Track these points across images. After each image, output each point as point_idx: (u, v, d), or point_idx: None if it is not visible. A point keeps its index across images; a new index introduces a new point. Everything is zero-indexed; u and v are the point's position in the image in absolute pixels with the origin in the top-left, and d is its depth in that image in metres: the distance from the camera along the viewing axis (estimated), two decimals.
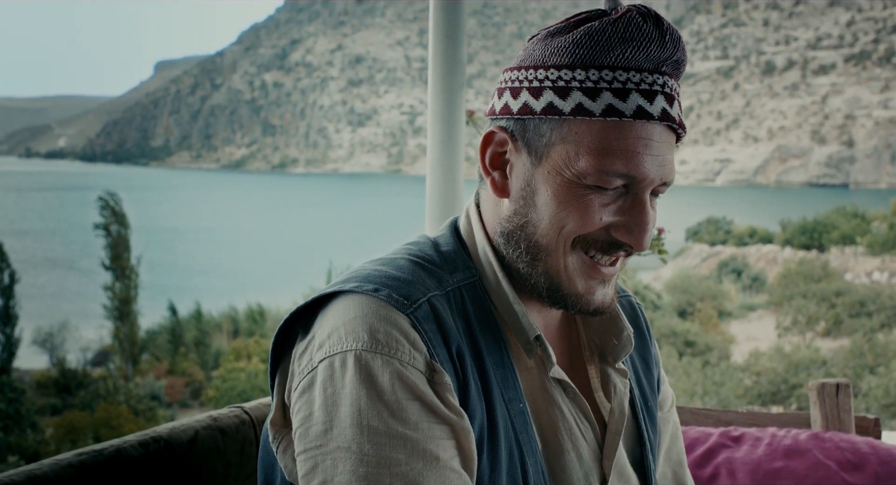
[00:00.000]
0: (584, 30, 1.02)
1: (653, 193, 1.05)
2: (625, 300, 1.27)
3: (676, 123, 1.03)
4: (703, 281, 35.59)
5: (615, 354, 1.16)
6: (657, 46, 1.00)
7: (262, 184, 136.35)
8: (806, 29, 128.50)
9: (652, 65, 1.00)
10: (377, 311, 0.99)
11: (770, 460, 1.89)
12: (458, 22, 2.66)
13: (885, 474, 1.84)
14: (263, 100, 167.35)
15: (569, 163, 1.01)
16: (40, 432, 19.30)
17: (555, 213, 1.03)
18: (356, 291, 1.01)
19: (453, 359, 1.00)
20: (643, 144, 1.00)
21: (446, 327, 1.01)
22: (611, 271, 1.07)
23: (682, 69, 1.05)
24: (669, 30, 1.01)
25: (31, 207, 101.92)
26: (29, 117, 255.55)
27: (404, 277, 1.03)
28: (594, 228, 1.03)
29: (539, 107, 1.03)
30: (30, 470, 1.12)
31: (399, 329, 0.98)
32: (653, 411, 1.23)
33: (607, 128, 1.00)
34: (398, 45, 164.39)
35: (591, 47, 1.00)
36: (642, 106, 1.00)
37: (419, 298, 1.02)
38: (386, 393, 0.95)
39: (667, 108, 1.01)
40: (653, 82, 1.00)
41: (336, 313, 1.01)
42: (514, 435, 1.03)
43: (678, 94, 1.04)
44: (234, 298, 34.69)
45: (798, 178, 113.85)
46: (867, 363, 21.00)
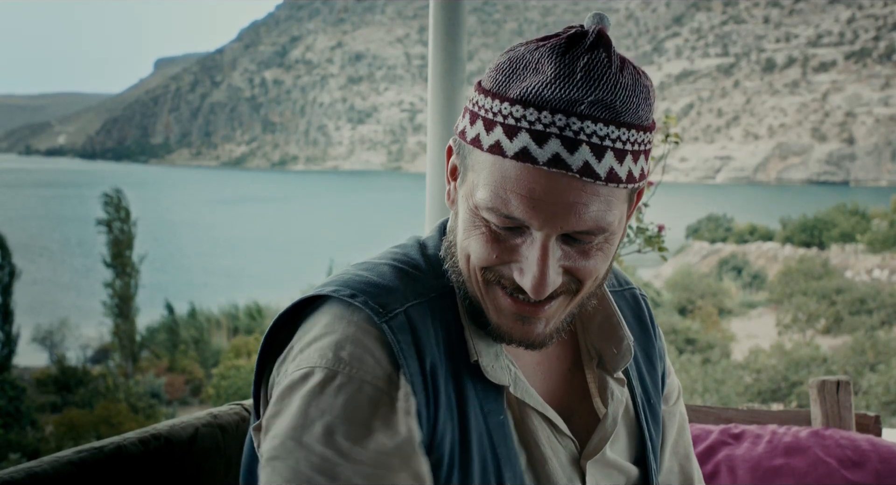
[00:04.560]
0: (510, 54, 0.95)
1: (574, 239, 0.94)
2: (628, 293, 1.23)
3: (575, 171, 0.89)
4: (704, 278, 35.61)
5: (614, 364, 1.11)
6: (563, 84, 0.89)
7: (261, 181, 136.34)
8: (806, 26, 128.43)
9: (559, 104, 0.89)
10: (350, 321, 0.97)
11: (770, 457, 1.89)
12: (459, 19, 2.66)
13: (886, 471, 1.84)
14: (263, 97, 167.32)
15: (472, 191, 0.95)
16: (40, 429, 19.31)
17: (463, 239, 0.98)
18: (334, 296, 0.99)
19: (425, 373, 0.97)
20: (526, 188, 0.90)
21: (422, 339, 0.98)
22: (534, 310, 0.97)
23: (618, 110, 0.90)
24: (589, 64, 0.90)
25: (31, 204, 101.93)
26: (29, 115, 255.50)
27: (384, 284, 1.01)
28: (492, 264, 0.96)
29: (460, 128, 0.99)
30: (30, 467, 1.12)
31: (367, 343, 0.96)
32: (655, 408, 1.20)
33: (495, 164, 0.92)
34: (398, 43, 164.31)
35: (507, 74, 0.93)
36: (528, 148, 0.89)
37: (396, 307, 0.98)
38: (331, 413, 0.93)
39: (561, 153, 0.89)
40: (550, 123, 0.89)
41: (312, 325, 1.00)
42: (492, 448, 0.99)
43: (607, 138, 0.90)
44: (234, 295, 34.70)
45: (798, 175, 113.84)
46: (867, 361, 21.00)
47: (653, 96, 0.95)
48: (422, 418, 0.96)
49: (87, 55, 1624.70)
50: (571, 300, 0.99)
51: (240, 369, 23.29)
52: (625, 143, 0.91)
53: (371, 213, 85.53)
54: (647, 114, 0.93)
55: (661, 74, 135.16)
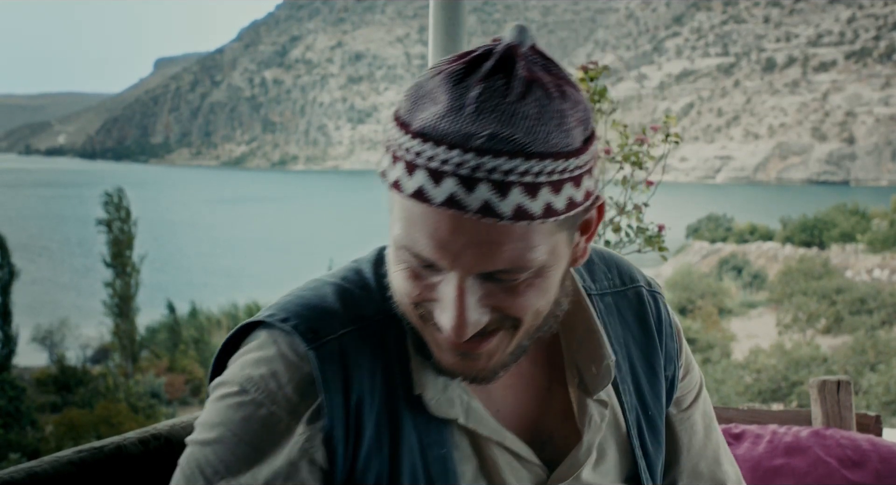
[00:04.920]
0: (417, 79, 0.88)
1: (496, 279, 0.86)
2: (631, 292, 1.13)
3: (473, 212, 0.80)
4: (704, 278, 35.64)
5: (593, 385, 1.03)
6: (454, 117, 0.81)
7: (261, 181, 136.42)
8: (806, 26, 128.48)
9: (454, 139, 0.81)
10: (277, 344, 0.95)
11: (771, 457, 1.89)
12: (459, 19, 2.66)
13: (886, 471, 1.84)
14: (263, 97, 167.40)
15: (391, 225, 0.89)
16: (40, 429, 19.34)
17: (391, 273, 0.93)
18: (267, 322, 0.97)
19: (348, 406, 0.93)
20: (429, 229, 0.83)
21: (351, 371, 0.94)
22: (472, 346, 0.90)
23: (522, 144, 0.81)
24: (479, 98, 0.81)
25: (31, 203, 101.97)
26: (29, 114, 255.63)
27: (321, 308, 0.96)
28: (412, 302, 0.90)
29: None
30: (30, 467, 1.12)
31: (283, 368, 0.93)
32: (655, 421, 1.12)
33: (402, 204, 0.85)
34: (398, 42, 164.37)
35: (412, 102, 0.85)
36: (423, 188, 0.82)
37: (329, 334, 0.94)
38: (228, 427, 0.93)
39: (458, 194, 0.80)
40: (445, 160, 0.81)
41: (247, 344, 0.98)
42: (428, 483, 0.95)
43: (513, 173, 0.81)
44: (234, 295, 34.73)
45: (798, 175, 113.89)
46: (868, 361, 21.03)
47: (574, 119, 0.85)
48: (337, 453, 0.93)
49: (86, 55, 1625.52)
50: (514, 335, 0.91)
51: None
52: (537, 174, 0.82)
53: (371, 212, 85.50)
54: (565, 139, 0.84)
55: (662, 74, 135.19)
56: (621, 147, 3.12)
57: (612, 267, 1.14)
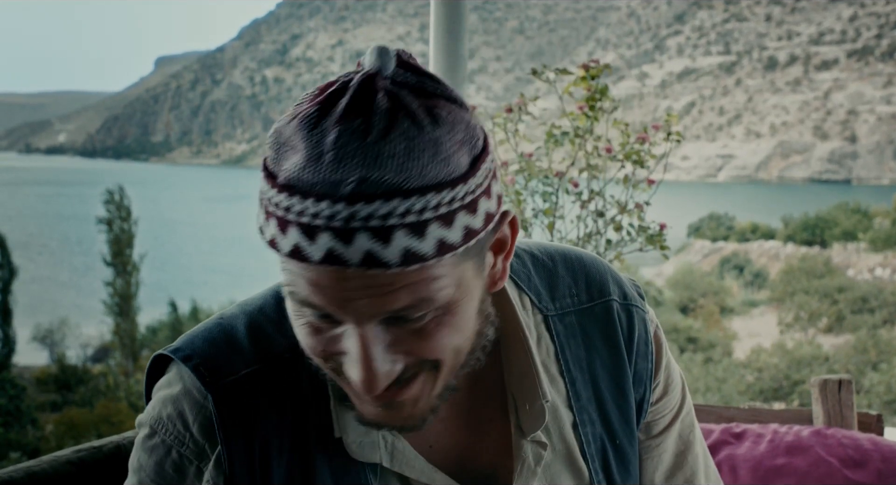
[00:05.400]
0: (278, 122, 0.78)
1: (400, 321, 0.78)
2: (599, 308, 1.02)
3: (357, 265, 0.73)
4: (705, 277, 35.62)
5: (527, 425, 0.94)
6: (315, 167, 0.73)
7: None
8: (808, 24, 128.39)
9: (323, 189, 0.73)
10: (183, 381, 0.90)
11: (772, 456, 1.88)
12: (459, 17, 2.66)
13: (888, 470, 1.83)
14: (264, 95, 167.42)
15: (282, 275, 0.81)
16: (40, 428, 19.35)
17: (293, 324, 0.83)
18: (173, 357, 0.92)
19: (252, 450, 0.88)
20: (314, 284, 0.76)
21: (254, 413, 0.88)
22: (393, 395, 0.82)
23: (391, 183, 0.73)
24: (340, 140, 0.73)
25: (31, 202, 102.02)
26: (29, 113, 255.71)
27: (228, 344, 0.91)
28: (317, 356, 0.82)
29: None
30: (29, 467, 1.12)
31: (187, 408, 0.89)
32: (623, 449, 1.02)
33: (281, 259, 0.78)
34: (399, 41, 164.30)
35: (276, 150, 0.77)
36: (299, 245, 0.74)
37: (230, 374, 0.89)
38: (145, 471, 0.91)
39: (336, 248, 0.73)
40: (316, 214, 0.73)
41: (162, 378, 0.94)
42: None
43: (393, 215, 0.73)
44: (234, 293, 34.73)
45: (800, 174, 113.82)
46: (869, 360, 21.01)
47: (453, 143, 0.76)
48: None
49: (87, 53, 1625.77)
50: (437, 377, 0.83)
51: None
52: (422, 212, 0.73)
53: None
54: (445, 168, 0.75)
55: (663, 72, 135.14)
56: (623, 146, 3.12)
57: (579, 280, 1.02)
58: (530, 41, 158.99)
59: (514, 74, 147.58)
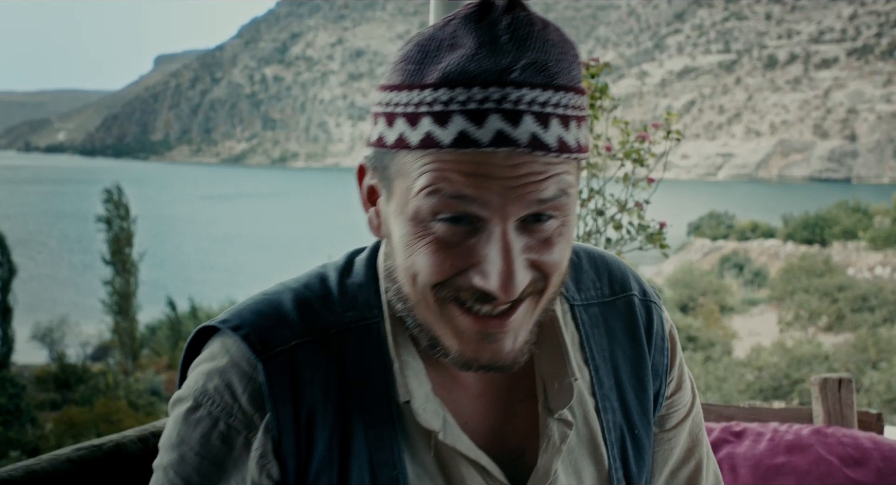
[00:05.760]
0: (416, 39, 0.85)
1: (533, 221, 0.84)
2: (621, 302, 1.07)
3: (525, 145, 0.79)
4: (705, 276, 35.58)
5: (554, 403, 0.97)
6: (489, 51, 0.80)
7: (262, 178, 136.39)
8: (808, 23, 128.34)
9: (489, 77, 0.79)
10: (229, 353, 0.92)
11: (772, 455, 1.88)
12: None
13: (888, 469, 1.83)
14: (263, 94, 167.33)
15: (406, 199, 0.84)
16: (40, 427, 19.34)
17: (405, 258, 0.86)
18: (220, 328, 0.94)
19: (298, 419, 0.90)
20: (477, 170, 0.80)
21: (302, 383, 0.90)
22: (500, 323, 0.86)
23: (554, 71, 0.81)
24: (513, 26, 0.81)
25: (30, 201, 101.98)
26: (28, 111, 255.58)
27: (275, 317, 0.93)
28: (448, 276, 0.84)
29: (375, 136, 0.88)
30: (28, 465, 1.12)
31: (235, 379, 0.91)
32: (640, 440, 1.05)
33: (433, 159, 0.81)
34: (399, 39, 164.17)
35: (419, 61, 0.83)
36: (466, 131, 0.79)
37: (280, 344, 0.91)
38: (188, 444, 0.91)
39: (506, 129, 0.79)
40: (484, 99, 0.79)
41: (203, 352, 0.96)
42: None
43: (548, 104, 0.81)
44: (234, 292, 34.71)
45: (800, 172, 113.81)
46: (869, 358, 21.00)
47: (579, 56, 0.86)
48: (288, 467, 0.90)
49: (87, 52, 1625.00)
50: (537, 304, 0.89)
51: None
52: (566, 107, 0.82)
53: None
54: (579, 75, 0.84)
55: (663, 71, 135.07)
56: (622, 144, 3.12)
57: (602, 274, 1.07)
58: None
59: None
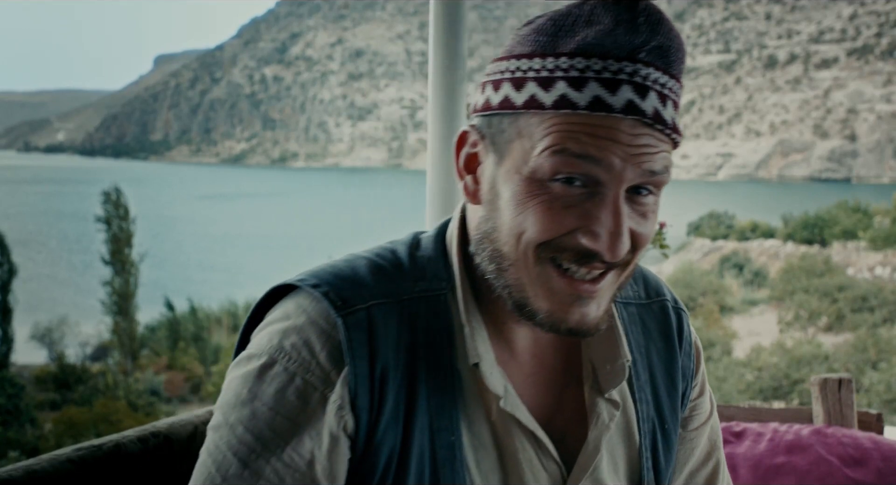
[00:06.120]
0: (549, 15, 0.93)
1: (637, 191, 0.92)
2: (656, 305, 1.14)
3: (649, 117, 0.88)
4: (705, 276, 35.57)
5: (606, 383, 1.03)
6: (626, 29, 0.88)
7: (261, 178, 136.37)
8: (808, 23, 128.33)
9: (622, 52, 0.88)
10: (306, 311, 0.95)
11: (772, 455, 1.88)
12: (459, 16, 2.65)
13: (888, 469, 1.83)
14: (263, 94, 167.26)
15: (525, 159, 0.90)
16: (39, 427, 19.35)
17: (514, 217, 0.92)
18: (297, 285, 0.97)
19: (373, 376, 0.93)
20: (605, 134, 0.88)
21: (378, 341, 0.94)
22: (590, 288, 0.93)
23: (671, 59, 0.91)
24: (646, 11, 0.89)
25: (30, 201, 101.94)
26: (28, 111, 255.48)
27: (353, 278, 0.97)
28: (556, 234, 0.90)
29: (497, 100, 0.94)
30: (28, 465, 1.12)
31: (314, 336, 0.93)
32: (669, 434, 1.11)
33: (563, 120, 0.88)
34: (398, 39, 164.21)
35: (553, 34, 0.91)
36: (600, 96, 0.87)
37: (358, 303, 0.95)
38: (261, 400, 0.92)
39: (635, 100, 0.88)
40: (619, 70, 0.87)
41: (274, 312, 0.98)
42: (432, 469, 0.95)
43: (665, 87, 0.90)
44: (233, 292, 34.71)
45: (800, 172, 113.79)
46: (869, 358, 21.01)
47: None
48: (361, 420, 0.93)
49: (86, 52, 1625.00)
50: (619, 276, 0.96)
51: None
52: (675, 94, 0.91)
53: (371, 210, 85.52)
54: (684, 69, 0.94)
55: None
56: None
57: (638, 280, 1.14)
58: None
59: None
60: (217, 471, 0.91)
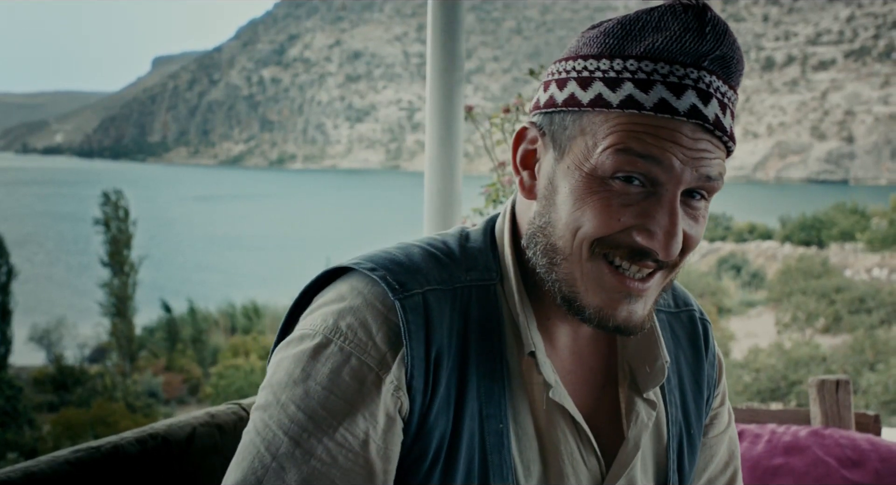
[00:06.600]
0: (618, 19, 0.96)
1: (691, 195, 0.95)
2: (684, 315, 1.18)
3: (710, 123, 0.92)
4: (703, 277, 35.59)
5: (645, 383, 1.06)
6: (694, 37, 0.91)
7: (259, 179, 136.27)
8: (805, 24, 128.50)
9: (688, 58, 0.91)
10: (363, 293, 0.96)
11: (770, 456, 1.88)
12: (457, 17, 2.65)
13: (885, 470, 1.83)
14: (261, 95, 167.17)
15: (587, 156, 0.93)
16: (37, 429, 19.32)
17: (571, 212, 0.94)
18: (353, 268, 0.99)
19: (429, 359, 0.94)
20: (667, 136, 0.91)
21: (433, 325, 0.95)
22: (640, 286, 0.96)
23: (732, 69, 0.95)
24: (713, 21, 0.92)
25: (28, 202, 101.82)
26: (26, 113, 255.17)
27: (408, 264, 0.99)
28: (613, 231, 0.93)
29: (561, 98, 0.96)
30: (27, 467, 1.12)
31: (370, 318, 0.94)
32: (694, 440, 1.14)
33: (627, 120, 0.92)
34: (396, 41, 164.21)
35: (622, 37, 0.94)
36: (666, 99, 0.90)
37: (415, 288, 0.96)
38: (315, 380, 0.92)
39: (698, 105, 0.91)
40: (684, 76, 0.91)
41: (329, 290, 1.00)
42: (482, 455, 0.96)
43: (725, 96, 0.94)
44: (231, 293, 34.66)
45: (797, 174, 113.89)
46: (867, 360, 21.01)
47: None
48: (416, 403, 0.94)
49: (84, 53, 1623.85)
50: (666, 278, 0.99)
51: (238, 368, 23.27)
52: (733, 104, 0.95)
53: (369, 211, 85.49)
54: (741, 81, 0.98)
55: None
56: None
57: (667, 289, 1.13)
58: (528, 41, 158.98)
59: (511, 75, 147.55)
60: (266, 450, 0.90)
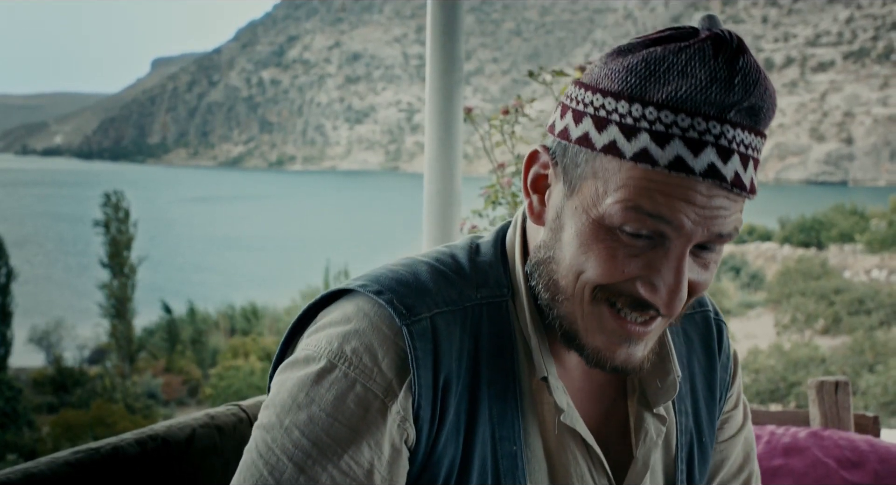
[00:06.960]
0: (643, 54, 0.88)
1: (701, 248, 0.90)
2: (699, 316, 1.15)
3: (728, 182, 0.85)
4: None
5: (655, 399, 1.03)
6: (721, 88, 0.84)
7: (259, 181, 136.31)
8: (805, 26, 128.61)
9: (712, 110, 0.84)
10: (368, 316, 0.93)
11: (769, 458, 1.88)
12: (456, 19, 2.65)
13: (885, 472, 1.84)
14: (261, 97, 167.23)
15: (596, 202, 0.88)
16: (37, 430, 19.33)
17: (575, 255, 0.90)
18: (359, 291, 0.95)
19: (437, 386, 0.91)
20: (680, 195, 0.85)
21: (441, 350, 0.92)
22: (641, 330, 0.92)
23: (761, 117, 0.87)
24: (745, 69, 0.85)
25: (27, 203, 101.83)
26: (25, 114, 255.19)
27: (416, 285, 0.95)
28: (616, 280, 0.89)
29: (576, 134, 0.91)
30: (26, 468, 1.12)
31: (376, 343, 0.91)
32: (706, 447, 1.11)
33: (640, 174, 0.85)
34: (396, 42, 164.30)
35: (644, 77, 0.86)
36: (682, 157, 0.84)
37: (422, 311, 0.93)
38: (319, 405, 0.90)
39: (717, 164, 0.84)
40: (705, 131, 0.84)
41: (334, 309, 0.96)
42: (495, 479, 0.93)
43: (749, 147, 0.87)
44: (231, 295, 34.67)
45: (797, 175, 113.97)
46: (866, 361, 21.03)
47: None
48: (423, 432, 0.91)
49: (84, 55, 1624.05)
50: (668, 321, 0.95)
51: (237, 369, 23.27)
52: (758, 152, 0.89)
53: (368, 212, 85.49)
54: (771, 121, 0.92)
55: None
56: None
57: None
58: (527, 43, 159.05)
59: (510, 76, 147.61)
60: (270, 474, 0.88)
